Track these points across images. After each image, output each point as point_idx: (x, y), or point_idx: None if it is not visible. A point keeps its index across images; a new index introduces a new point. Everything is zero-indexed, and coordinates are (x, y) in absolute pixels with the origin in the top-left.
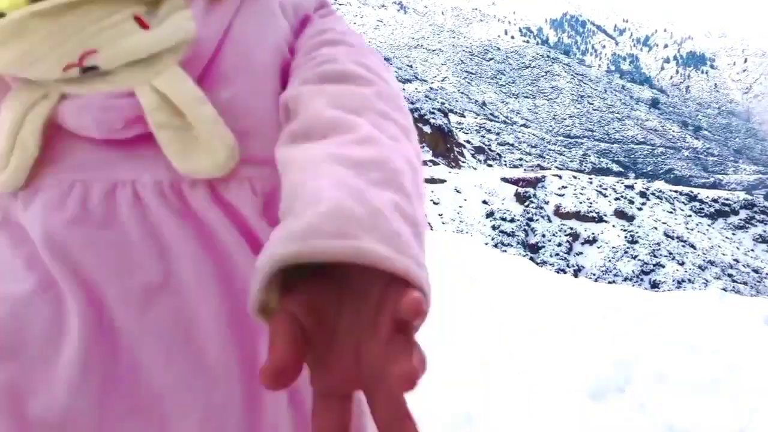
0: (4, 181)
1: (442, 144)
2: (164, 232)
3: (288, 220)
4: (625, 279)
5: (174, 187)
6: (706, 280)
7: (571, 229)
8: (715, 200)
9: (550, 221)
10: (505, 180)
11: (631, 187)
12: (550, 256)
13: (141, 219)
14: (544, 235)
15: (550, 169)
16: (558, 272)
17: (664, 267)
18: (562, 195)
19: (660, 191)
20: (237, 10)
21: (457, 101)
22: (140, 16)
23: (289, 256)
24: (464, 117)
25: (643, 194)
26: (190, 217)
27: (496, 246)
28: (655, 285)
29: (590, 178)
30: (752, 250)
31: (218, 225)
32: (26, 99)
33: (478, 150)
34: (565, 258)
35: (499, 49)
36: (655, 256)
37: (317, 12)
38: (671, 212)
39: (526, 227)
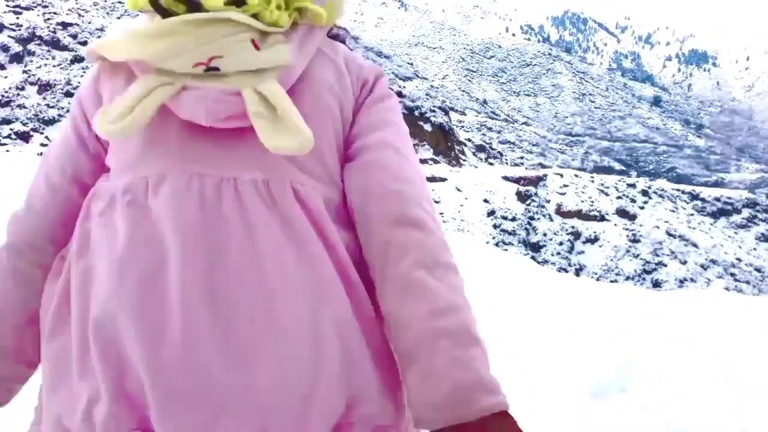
0: (120, 129)
1: (442, 142)
2: (256, 220)
3: (424, 390)
4: (627, 278)
5: (265, 184)
6: (709, 279)
7: (573, 227)
8: (717, 199)
9: (551, 220)
10: (506, 178)
11: (633, 186)
12: (552, 254)
13: (240, 209)
14: (545, 234)
15: (551, 167)
16: (559, 271)
17: (666, 266)
18: (564, 194)
19: (662, 190)
20: (316, 53)
21: (458, 99)
22: (255, 40)
23: (450, 420)
24: (465, 115)
25: (645, 193)
26: (276, 209)
27: (497, 245)
28: (657, 284)
29: (592, 177)
30: (755, 249)
31: (296, 215)
32: (156, 81)
33: (479, 148)
34: (567, 257)
35: (500, 46)
36: (657, 255)
37: (376, 88)
38: (673, 211)
39: (528, 226)
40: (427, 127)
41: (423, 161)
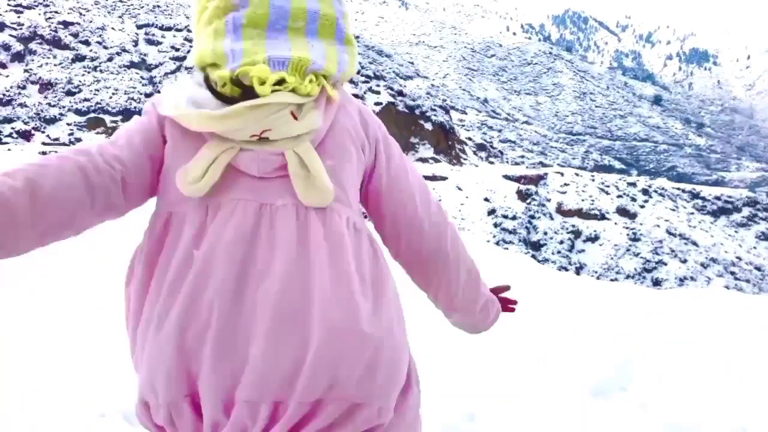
0: (197, 189)
1: (443, 141)
2: (287, 236)
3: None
4: (627, 277)
5: (297, 208)
6: (709, 278)
7: (573, 226)
8: (717, 198)
9: (552, 219)
10: (506, 177)
11: (633, 185)
12: (552, 253)
13: (275, 226)
14: (546, 233)
15: (552, 166)
16: (560, 270)
17: (666, 264)
18: (564, 192)
19: (662, 189)
20: (338, 110)
21: (458, 98)
22: (294, 112)
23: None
24: (466, 114)
25: (645, 192)
26: (305, 229)
27: (497, 243)
28: (657, 282)
29: (592, 176)
30: (755, 247)
31: (322, 233)
32: (221, 146)
33: (480, 147)
34: (567, 256)
35: (501, 45)
36: (657, 254)
37: (380, 132)
38: (674, 210)
39: (528, 225)
40: (428, 126)
41: (423, 160)
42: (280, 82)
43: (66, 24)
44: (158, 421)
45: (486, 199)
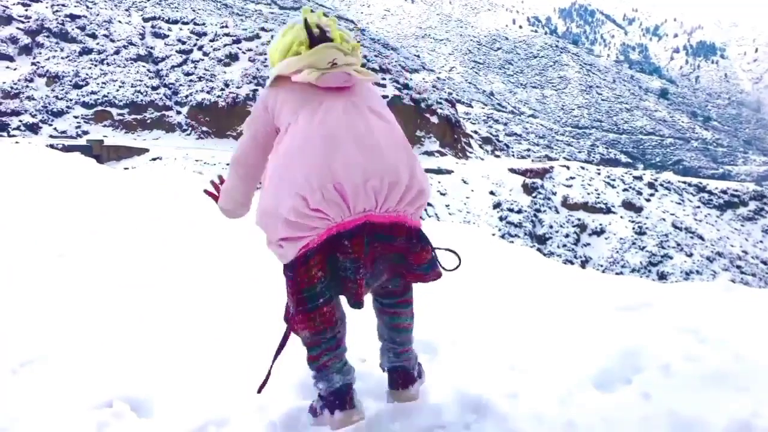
0: (311, 77)
1: (449, 134)
2: (362, 113)
3: None
4: (633, 270)
5: (355, 104)
6: (714, 272)
7: (579, 220)
8: (724, 191)
9: (557, 212)
10: (512, 171)
11: (639, 178)
12: (558, 247)
13: (355, 110)
14: (551, 226)
15: (558, 159)
16: (565, 263)
17: (672, 258)
18: (570, 186)
19: (668, 182)
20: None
21: (464, 91)
22: (345, 52)
23: None
24: (472, 107)
25: (651, 185)
26: (364, 109)
27: (503, 237)
28: (662, 276)
29: (598, 169)
30: (761, 241)
31: (374, 114)
32: (312, 73)
33: (486, 140)
34: (573, 249)
35: (507, 38)
36: (663, 248)
37: None
38: (680, 203)
39: (534, 218)
40: (434, 120)
41: (429, 153)
42: (328, 38)
43: (73, 17)
44: (313, 204)
45: (491, 193)
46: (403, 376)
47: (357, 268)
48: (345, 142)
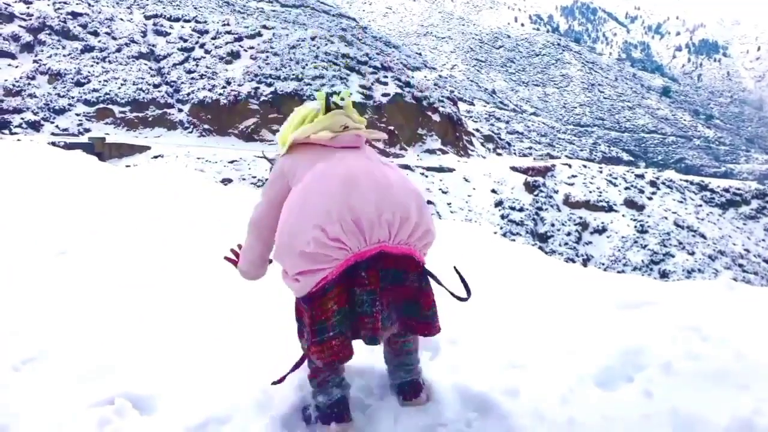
0: (326, 137)
1: (451, 132)
2: (369, 161)
3: None
4: (635, 269)
5: (369, 155)
6: (716, 270)
7: (581, 218)
8: (726, 190)
9: (559, 210)
10: (514, 169)
11: (641, 177)
12: (559, 245)
13: (367, 158)
14: (553, 225)
15: (559, 157)
16: (567, 262)
17: (673, 257)
18: (572, 184)
19: (670, 180)
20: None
21: (466, 89)
22: (352, 119)
23: None
24: (473, 105)
25: (653, 183)
26: (374, 157)
27: (504, 235)
28: (664, 275)
29: (600, 167)
30: (763, 240)
31: (384, 161)
32: (327, 134)
33: (488, 138)
34: (574, 247)
35: (509, 36)
36: (664, 246)
37: None
38: (681, 202)
39: (535, 216)
40: (436, 118)
41: (431, 151)
42: (338, 106)
43: (75, 15)
44: (333, 234)
45: (493, 191)
46: (414, 387)
47: (374, 301)
48: (362, 182)
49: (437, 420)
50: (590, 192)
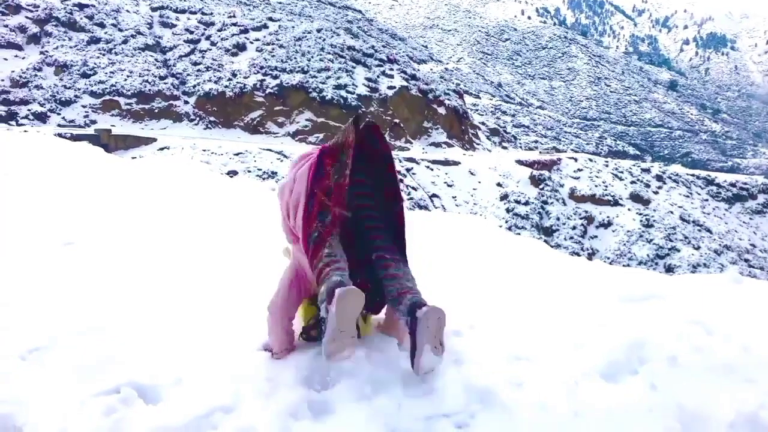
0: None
1: (456, 126)
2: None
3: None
4: (640, 263)
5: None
6: (722, 265)
7: (586, 212)
8: (732, 184)
9: (564, 204)
10: (519, 162)
11: (647, 171)
12: (565, 239)
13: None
14: (558, 219)
15: (565, 151)
16: (572, 255)
17: (679, 251)
18: (578, 178)
19: (677, 175)
20: None
21: (472, 82)
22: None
23: None
24: (479, 98)
25: (659, 178)
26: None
27: (510, 229)
28: (670, 269)
29: (606, 161)
30: None
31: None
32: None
33: (493, 132)
34: (580, 241)
35: (515, 29)
36: (670, 240)
37: None
38: (688, 196)
39: (541, 210)
40: (441, 111)
41: (436, 145)
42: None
43: (81, 6)
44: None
45: (499, 185)
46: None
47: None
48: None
49: (441, 410)
50: (596, 186)
